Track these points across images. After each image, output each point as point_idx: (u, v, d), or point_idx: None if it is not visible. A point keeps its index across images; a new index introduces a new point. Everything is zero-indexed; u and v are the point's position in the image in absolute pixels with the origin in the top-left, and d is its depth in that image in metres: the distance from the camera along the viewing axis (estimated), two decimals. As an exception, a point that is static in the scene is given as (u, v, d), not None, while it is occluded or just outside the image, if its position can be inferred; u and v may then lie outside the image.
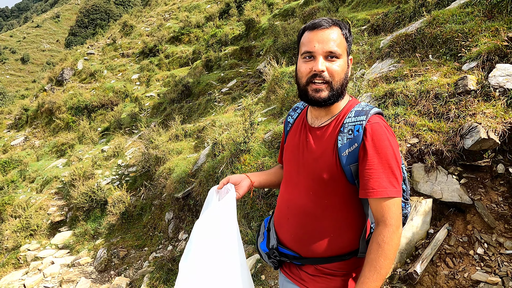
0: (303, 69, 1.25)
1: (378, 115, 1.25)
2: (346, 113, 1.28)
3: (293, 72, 6.38)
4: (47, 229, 7.65)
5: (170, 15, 24.22)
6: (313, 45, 1.21)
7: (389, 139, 1.18)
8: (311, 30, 1.24)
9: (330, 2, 10.45)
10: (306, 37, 1.25)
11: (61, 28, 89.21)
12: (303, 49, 1.25)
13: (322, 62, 1.20)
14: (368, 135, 1.18)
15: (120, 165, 9.39)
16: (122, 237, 6.23)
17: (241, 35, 15.69)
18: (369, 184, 1.17)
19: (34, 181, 10.69)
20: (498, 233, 2.32)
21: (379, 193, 1.15)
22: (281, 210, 1.42)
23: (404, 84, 3.35)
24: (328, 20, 1.23)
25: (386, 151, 1.17)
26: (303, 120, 1.42)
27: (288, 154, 1.43)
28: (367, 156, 1.17)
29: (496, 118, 2.50)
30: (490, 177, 2.49)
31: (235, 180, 1.47)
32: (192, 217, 5.12)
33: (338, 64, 1.22)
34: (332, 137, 1.26)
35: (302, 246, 1.33)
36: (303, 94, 1.28)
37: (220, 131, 5.50)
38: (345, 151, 1.21)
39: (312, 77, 1.22)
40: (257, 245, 1.55)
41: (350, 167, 1.22)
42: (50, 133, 15.50)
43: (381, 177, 1.15)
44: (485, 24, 3.47)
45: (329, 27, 1.22)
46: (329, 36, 1.21)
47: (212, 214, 1.32)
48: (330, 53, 1.20)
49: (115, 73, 18.73)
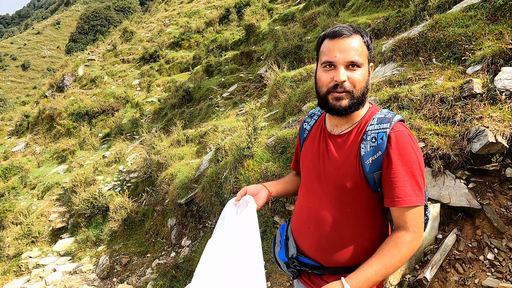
0: (323, 78, 1.22)
1: (401, 123, 1.23)
2: (368, 120, 1.26)
3: (295, 76, 6.38)
4: (49, 236, 7.61)
5: (170, 21, 24.33)
6: (334, 55, 1.18)
7: (413, 147, 1.17)
8: (332, 39, 1.20)
9: (330, 7, 10.49)
10: (326, 45, 1.22)
11: (61, 34, 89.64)
12: (323, 58, 1.22)
13: (343, 72, 1.18)
14: (393, 143, 1.16)
15: (122, 171, 9.36)
16: (124, 244, 6.19)
17: (241, 40, 15.74)
18: (394, 193, 1.15)
19: (35, 188, 10.65)
20: (508, 238, 2.29)
21: (404, 202, 1.13)
22: (301, 218, 1.39)
23: (409, 88, 3.34)
24: (349, 28, 1.20)
25: (410, 159, 1.15)
26: (321, 127, 1.39)
27: (307, 162, 1.40)
28: (391, 165, 1.15)
29: (504, 121, 2.48)
30: (499, 181, 2.47)
31: (252, 190, 1.43)
32: (195, 223, 5.08)
33: (360, 73, 1.20)
34: (355, 145, 1.24)
35: (324, 256, 1.30)
36: (323, 103, 1.26)
37: (223, 136, 5.48)
38: (369, 159, 1.19)
39: (334, 87, 1.20)
40: (274, 254, 1.53)
41: (373, 175, 1.20)
42: (51, 139, 15.49)
43: (405, 185, 1.14)
44: (489, 27, 3.46)
45: (350, 36, 1.19)
46: (350, 45, 1.18)
47: (233, 227, 1.25)
48: (352, 62, 1.18)
49: (115, 79, 18.77)
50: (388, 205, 1.18)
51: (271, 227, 3.77)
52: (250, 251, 1.21)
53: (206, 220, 4.84)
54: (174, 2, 30.53)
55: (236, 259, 1.17)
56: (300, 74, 6.35)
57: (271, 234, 3.72)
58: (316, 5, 12.09)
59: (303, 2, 14.77)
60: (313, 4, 12.45)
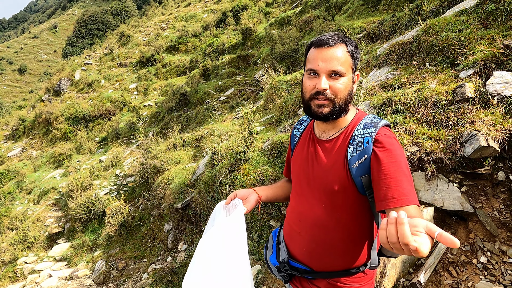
0: (307, 85, 1.26)
1: (387, 127, 1.26)
2: (355, 125, 1.29)
3: (291, 80, 6.41)
4: (45, 241, 7.56)
5: (167, 25, 24.38)
6: (317, 63, 1.22)
7: (398, 149, 1.18)
8: (317, 48, 1.24)
9: (326, 11, 10.56)
10: (311, 54, 1.26)
11: (58, 38, 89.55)
12: (308, 65, 1.27)
13: (325, 81, 1.21)
14: (381, 146, 1.18)
15: (118, 175, 9.34)
16: (120, 249, 6.17)
17: (238, 44, 15.78)
18: (388, 194, 1.11)
19: (31, 193, 10.60)
20: (500, 241, 2.30)
21: (400, 202, 1.08)
22: (292, 223, 1.41)
23: (402, 92, 3.36)
24: (334, 38, 1.23)
25: (400, 159, 1.15)
26: (310, 133, 1.42)
27: (297, 167, 1.43)
28: (381, 166, 1.15)
29: (495, 125, 2.51)
30: (491, 185, 2.49)
31: (242, 194, 1.45)
32: (191, 227, 5.08)
33: (342, 82, 1.22)
34: (342, 149, 1.27)
35: (314, 260, 1.32)
36: (307, 108, 1.30)
37: (219, 140, 5.49)
38: (355, 163, 1.21)
39: (315, 94, 1.24)
40: (266, 259, 1.55)
41: (361, 179, 1.22)
42: (47, 143, 15.43)
43: (399, 185, 1.11)
44: (481, 32, 3.50)
45: (334, 45, 1.21)
46: (333, 54, 1.21)
47: (220, 230, 1.28)
48: (334, 71, 1.21)
49: (112, 83, 18.76)
50: (383, 208, 1.12)
51: (267, 231, 3.77)
52: (237, 254, 1.24)
53: (203, 224, 4.84)
54: (171, 6, 30.61)
55: (223, 261, 1.21)
56: (296, 78, 6.38)
57: (267, 238, 3.73)
58: (312, 9, 12.16)
59: (300, 6, 14.85)
60: (309, 8, 12.52)
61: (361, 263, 1.32)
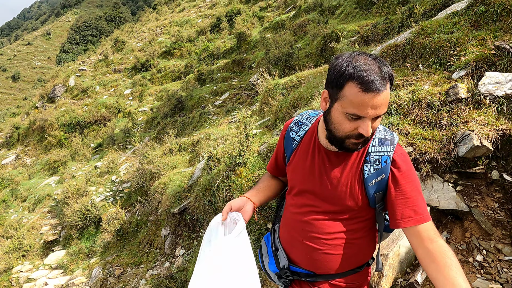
0: (346, 126, 1.13)
1: (399, 145, 1.28)
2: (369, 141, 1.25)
3: (286, 84, 6.44)
4: (40, 249, 7.49)
5: (162, 30, 24.42)
6: (365, 111, 1.07)
7: (413, 168, 1.24)
8: (365, 92, 1.04)
9: (320, 14, 10.65)
10: (356, 96, 1.06)
11: (52, 45, 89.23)
12: (350, 108, 1.08)
13: (370, 127, 1.11)
14: (398, 166, 1.21)
15: (114, 181, 9.29)
16: (117, 255, 6.12)
17: (233, 48, 15.84)
18: (405, 213, 1.17)
19: (26, 200, 10.50)
20: (496, 239, 2.33)
21: (417, 220, 1.16)
22: (293, 231, 1.38)
23: (396, 93, 3.40)
24: (381, 78, 1.05)
25: (414, 178, 1.21)
26: (315, 141, 1.34)
27: (300, 176, 1.37)
28: (399, 187, 1.19)
29: (488, 125, 2.54)
30: (485, 184, 2.52)
31: (238, 205, 1.37)
32: (189, 232, 5.06)
33: (379, 120, 1.14)
34: (358, 166, 1.25)
35: (318, 266, 1.32)
36: (336, 142, 1.21)
37: (215, 144, 5.49)
38: (372, 181, 1.22)
39: (356, 136, 1.15)
40: (264, 266, 1.52)
41: (375, 195, 1.24)
42: (42, 150, 15.33)
43: (416, 204, 1.18)
44: (472, 34, 3.55)
45: (385, 89, 1.06)
46: (384, 101, 1.07)
47: (225, 250, 1.18)
48: (379, 116, 1.12)
49: (107, 89, 18.72)
50: (404, 226, 1.17)
51: (264, 233, 3.77)
52: (248, 274, 1.17)
53: (200, 229, 4.82)
54: (165, 11, 30.68)
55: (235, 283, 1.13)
56: (291, 81, 6.41)
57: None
58: (306, 13, 12.26)
59: (293, 10, 14.96)
60: (303, 12, 12.62)
61: (365, 261, 1.37)
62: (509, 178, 2.42)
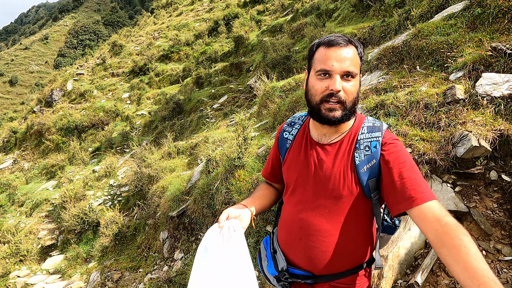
0: (318, 86, 1.20)
1: (388, 130, 1.28)
2: (358, 129, 1.27)
3: (284, 86, 6.45)
4: (38, 254, 7.43)
5: (160, 34, 24.46)
6: (331, 64, 1.17)
7: (405, 150, 1.21)
8: (328, 47, 1.19)
9: (317, 18, 10.69)
10: (322, 53, 1.20)
11: (50, 49, 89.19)
12: (318, 66, 1.20)
13: (339, 82, 1.16)
14: (388, 149, 1.19)
15: (112, 185, 9.26)
16: (115, 259, 6.08)
17: (231, 52, 15.87)
18: (406, 195, 1.10)
19: (23, 205, 10.44)
20: (495, 239, 2.32)
21: (420, 200, 1.08)
22: (291, 230, 1.36)
23: (394, 95, 3.41)
24: (344, 38, 1.20)
25: (408, 158, 1.17)
26: (306, 136, 1.37)
27: (294, 173, 1.37)
28: (392, 169, 1.15)
29: (486, 125, 2.55)
30: (484, 184, 2.52)
31: (235, 213, 1.34)
32: (187, 235, 5.04)
33: (353, 84, 1.19)
34: (349, 154, 1.25)
35: (317, 265, 1.29)
36: (314, 113, 1.24)
37: (214, 147, 5.48)
38: (364, 167, 1.21)
39: (328, 96, 1.18)
40: (262, 269, 1.50)
41: (368, 182, 1.22)
42: (39, 155, 15.27)
43: (415, 183, 1.10)
44: (469, 35, 3.57)
45: (346, 45, 1.18)
46: (347, 54, 1.17)
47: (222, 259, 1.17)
48: (347, 72, 1.17)
49: (105, 93, 18.70)
50: (406, 208, 1.10)
51: (263, 237, 3.76)
52: (246, 281, 1.16)
53: (199, 232, 4.80)
54: (163, 15, 30.75)
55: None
56: (289, 84, 6.42)
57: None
58: (303, 16, 12.31)
59: (291, 13, 15.02)
60: (300, 16, 12.67)
61: (363, 261, 1.34)
62: (508, 178, 2.43)
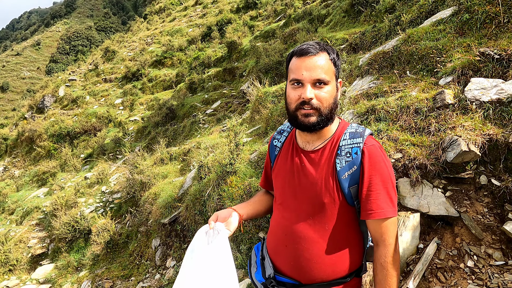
0: (292, 95, 1.24)
1: (371, 136, 1.28)
2: (340, 135, 1.29)
3: (276, 92, 6.46)
4: (28, 263, 7.30)
5: (153, 40, 24.42)
6: (301, 73, 1.20)
7: (384, 160, 1.22)
8: (299, 57, 1.23)
9: (309, 23, 10.76)
10: (294, 63, 1.24)
11: (42, 55, 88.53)
12: (291, 75, 1.24)
13: (310, 90, 1.20)
14: (366, 157, 1.21)
15: (104, 192, 9.15)
16: (107, 268, 5.99)
17: (224, 57, 15.89)
18: (367, 206, 1.20)
19: (13, 213, 10.27)
20: (486, 244, 2.32)
21: (377, 215, 1.19)
22: (277, 237, 1.37)
23: (385, 100, 3.42)
24: (315, 46, 1.22)
25: (382, 172, 1.20)
26: (293, 144, 1.40)
27: (281, 180, 1.39)
28: (365, 179, 1.20)
29: (475, 130, 2.56)
30: (474, 189, 2.52)
31: (224, 216, 1.39)
32: (179, 243, 4.98)
33: (326, 90, 1.22)
34: (330, 160, 1.26)
35: (303, 273, 1.29)
36: (293, 120, 1.27)
37: (206, 153, 5.45)
38: (345, 174, 1.22)
39: (301, 104, 1.22)
40: (251, 276, 1.50)
41: (350, 189, 1.23)
42: (30, 162, 15.07)
43: (379, 198, 1.19)
44: (457, 41, 3.61)
45: (317, 54, 1.21)
46: (316, 63, 1.20)
47: (204, 260, 1.21)
48: (318, 80, 1.20)
49: (97, 99, 18.57)
50: (363, 218, 1.23)
51: (256, 243, 3.72)
52: (227, 282, 1.18)
53: (191, 239, 4.75)
54: (156, 21, 30.74)
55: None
56: (281, 89, 6.43)
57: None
58: (296, 22, 12.38)
59: (283, 19, 15.12)
60: (292, 21, 12.75)
61: (352, 270, 1.31)
62: (497, 182, 2.43)
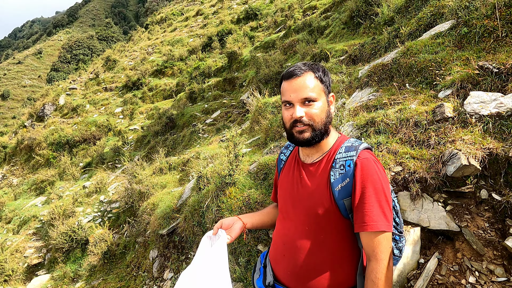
0: (285, 116, 1.35)
1: (367, 150, 1.30)
2: (337, 149, 1.34)
3: (276, 102, 6.48)
4: (23, 274, 7.21)
5: (153, 49, 24.60)
6: (289, 95, 1.30)
7: (378, 173, 1.23)
8: (286, 80, 1.32)
9: (309, 34, 10.86)
10: (283, 86, 1.34)
11: (43, 64, 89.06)
12: (282, 98, 1.35)
13: (299, 109, 1.28)
14: (358, 170, 1.23)
15: (103, 202, 9.10)
16: (104, 279, 5.91)
17: (224, 67, 15.99)
18: (360, 219, 1.22)
19: (10, 222, 10.19)
20: (487, 260, 2.29)
21: (369, 227, 1.19)
22: (277, 246, 1.44)
23: (384, 112, 3.42)
24: (301, 68, 1.31)
25: (375, 185, 1.21)
26: (295, 157, 1.47)
27: (283, 191, 1.46)
28: (357, 191, 1.23)
29: (475, 144, 2.55)
30: (475, 203, 2.50)
31: (227, 223, 1.48)
32: (177, 254, 4.92)
33: (317, 107, 1.29)
34: (325, 172, 1.31)
35: (299, 283, 1.33)
36: (290, 137, 1.36)
37: (205, 163, 5.43)
38: (338, 186, 1.26)
39: (294, 122, 1.31)
40: (253, 281, 1.56)
41: (343, 202, 1.26)
42: (29, 170, 15.01)
43: (371, 211, 1.20)
44: (456, 54, 3.63)
45: (301, 75, 1.29)
46: (301, 83, 1.28)
47: (203, 261, 1.30)
48: (306, 99, 1.28)
49: (98, 107, 18.61)
50: (357, 230, 1.24)
51: (254, 256, 3.68)
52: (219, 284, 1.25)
53: (189, 251, 4.70)
54: (157, 31, 31.01)
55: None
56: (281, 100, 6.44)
57: (256, 262, 3.63)
58: (296, 33, 12.50)
59: (283, 30, 15.26)
60: (292, 32, 12.87)
61: (349, 285, 1.32)
62: (498, 197, 2.41)
